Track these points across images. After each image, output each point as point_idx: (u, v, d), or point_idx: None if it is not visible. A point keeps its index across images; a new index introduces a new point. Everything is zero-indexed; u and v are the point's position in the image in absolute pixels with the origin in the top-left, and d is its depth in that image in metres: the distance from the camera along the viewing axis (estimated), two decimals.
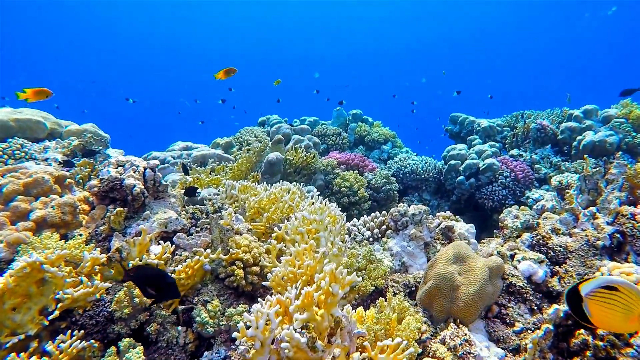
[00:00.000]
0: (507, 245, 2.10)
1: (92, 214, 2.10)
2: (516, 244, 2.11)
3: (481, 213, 4.93)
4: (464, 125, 5.95)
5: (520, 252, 2.02)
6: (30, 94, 3.03)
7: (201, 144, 5.15)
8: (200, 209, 2.54)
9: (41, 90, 3.09)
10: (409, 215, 2.56)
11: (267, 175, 3.74)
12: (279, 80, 6.14)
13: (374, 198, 4.30)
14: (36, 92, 3.08)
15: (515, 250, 2.04)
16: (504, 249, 2.07)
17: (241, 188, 2.86)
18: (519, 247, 2.06)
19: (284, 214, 2.62)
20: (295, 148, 4.12)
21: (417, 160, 5.29)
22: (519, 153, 5.04)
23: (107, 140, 3.90)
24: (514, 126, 5.62)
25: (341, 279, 1.31)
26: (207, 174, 3.86)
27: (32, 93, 3.05)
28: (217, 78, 3.87)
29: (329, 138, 5.90)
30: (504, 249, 2.06)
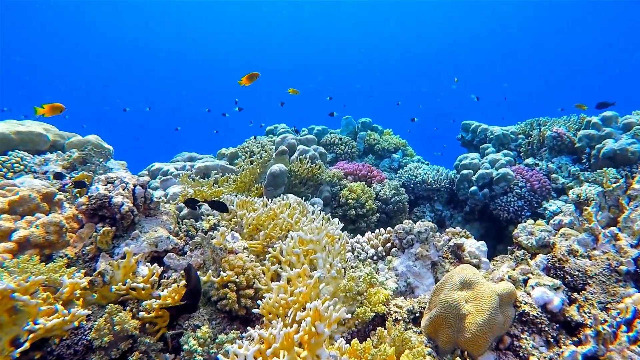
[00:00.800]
0: (520, 269, 1.93)
1: (80, 232, 2.02)
2: (529, 268, 1.95)
3: (496, 224, 4.73)
4: (476, 133, 5.76)
5: (534, 276, 1.85)
6: (47, 109, 3.23)
7: (208, 154, 5.09)
8: (195, 225, 2.44)
9: (56, 105, 3.29)
10: (415, 232, 2.41)
11: (270, 188, 3.63)
12: (296, 91, 6.04)
13: (383, 210, 4.15)
14: (52, 107, 3.28)
15: (528, 274, 1.88)
16: (515, 273, 1.90)
17: (240, 203, 2.76)
18: (532, 271, 1.90)
19: (283, 231, 2.51)
20: (300, 159, 4.00)
21: (428, 170, 5.13)
22: (534, 162, 4.84)
23: (109, 152, 3.85)
24: (528, 134, 5.42)
25: (327, 316, 1.18)
26: (210, 186, 3.77)
27: (49, 108, 3.25)
28: (241, 84, 3.90)
29: (338, 147, 5.78)
30: (516, 273, 1.89)
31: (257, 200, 2.86)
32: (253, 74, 3.97)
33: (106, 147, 3.94)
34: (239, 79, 3.86)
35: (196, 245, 2.13)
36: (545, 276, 1.86)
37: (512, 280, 1.85)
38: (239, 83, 3.94)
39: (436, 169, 5.17)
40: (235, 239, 2.33)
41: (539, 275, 1.86)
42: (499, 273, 1.95)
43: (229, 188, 3.78)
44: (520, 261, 2.13)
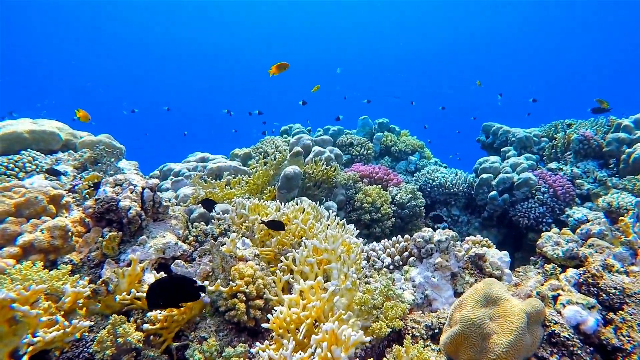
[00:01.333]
0: (549, 285, 1.80)
1: (86, 237, 1.96)
2: (560, 283, 1.81)
3: (515, 231, 4.56)
4: (497, 136, 5.58)
5: (565, 293, 1.71)
6: (82, 115, 3.79)
7: (222, 154, 5.03)
8: (204, 231, 2.36)
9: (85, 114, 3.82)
10: (434, 242, 2.29)
11: (283, 191, 3.54)
12: (317, 86, 5.95)
13: (398, 215, 4.03)
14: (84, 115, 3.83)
15: (558, 290, 1.74)
16: (544, 289, 1.77)
17: (251, 207, 2.67)
18: (563, 287, 1.76)
19: (296, 237, 2.41)
20: (315, 161, 3.91)
21: (446, 173, 4.98)
22: (558, 166, 4.64)
23: (121, 152, 3.81)
24: (552, 137, 5.21)
25: (345, 340, 1.08)
26: (222, 188, 3.70)
27: (83, 115, 3.82)
28: (270, 74, 3.97)
29: (354, 148, 5.66)
30: (545, 289, 1.76)
31: (269, 204, 2.77)
32: (282, 64, 4.00)
33: (118, 147, 3.90)
34: (266, 70, 3.98)
35: (205, 252, 2.05)
36: (577, 293, 1.72)
37: (540, 297, 1.72)
38: (269, 72, 3.98)
39: (454, 173, 5.02)
40: (246, 245, 2.24)
41: (570, 291, 1.72)
42: (526, 288, 1.82)
43: (242, 190, 3.70)
44: (550, 276, 1.99)
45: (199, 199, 3.47)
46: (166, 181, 3.96)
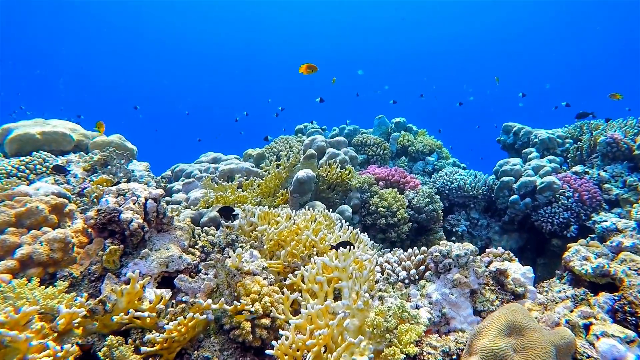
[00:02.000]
0: (580, 312, 1.65)
1: (88, 249, 1.89)
2: (592, 310, 1.66)
3: (537, 236, 4.37)
4: (518, 136, 5.36)
5: (598, 322, 1.57)
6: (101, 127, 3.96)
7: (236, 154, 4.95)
8: (211, 241, 2.27)
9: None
10: (453, 256, 2.15)
11: (296, 195, 3.44)
12: (334, 79, 5.83)
13: (415, 219, 3.88)
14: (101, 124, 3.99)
15: (590, 319, 1.59)
16: (575, 316, 1.62)
17: (261, 215, 2.57)
18: (595, 315, 1.61)
19: (307, 249, 2.31)
20: (329, 164, 3.79)
21: (464, 175, 4.80)
22: (583, 170, 4.42)
23: (132, 153, 3.77)
24: (578, 138, 4.97)
25: None
26: (234, 191, 3.62)
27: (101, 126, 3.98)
28: (299, 71, 4.21)
29: (369, 148, 5.52)
30: (575, 317, 1.61)
31: (280, 211, 2.67)
32: (311, 66, 4.19)
33: (129, 148, 3.86)
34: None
35: (210, 266, 1.96)
36: (612, 322, 1.57)
37: (570, 326, 1.57)
38: (299, 70, 4.19)
39: (474, 175, 4.84)
40: (254, 257, 2.14)
41: (604, 320, 1.57)
42: (554, 315, 1.67)
43: (253, 193, 3.62)
44: (580, 301, 1.83)
45: (210, 202, 3.40)
46: (178, 182, 3.90)
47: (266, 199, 3.68)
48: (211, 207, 3.32)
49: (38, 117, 3.71)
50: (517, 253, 4.55)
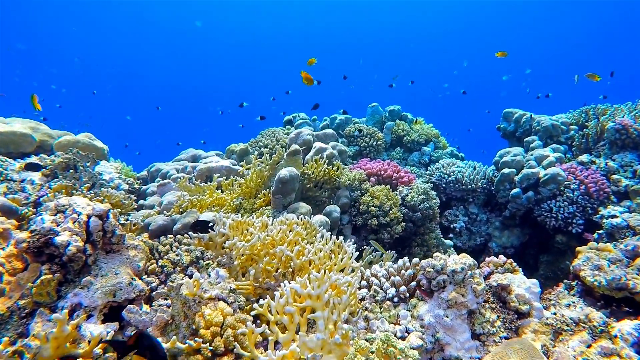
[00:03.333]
0: (600, 348, 1.38)
1: (19, 277, 1.61)
2: (614, 346, 1.39)
3: (541, 232, 4.10)
4: (520, 124, 5.05)
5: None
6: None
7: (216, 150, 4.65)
8: (173, 260, 2.00)
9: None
10: (448, 272, 1.88)
11: (278, 196, 3.16)
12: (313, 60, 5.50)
13: (410, 218, 3.61)
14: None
15: (614, 357, 1.33)
16: (594, 352, 1.35)
17: (234, 225, 2.29)
18: (619, 352, 1.34)
19: (282, 266, 2.03)
20: (315, 160, 3.50)
21: (462, 167, 4.51)
22: (590, 159, 4.13)
23: (103, 153, 3.47)
24: (583, 125, 4.67)
25: None
26: (212, 192, 3.34)
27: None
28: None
29: (362, 139, 5.22)
30: (594, 354, 1.35)
31: (255, 220, 2.39)
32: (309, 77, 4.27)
33: (99, 147, 3.56)
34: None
35: (163, 296, 1.69)
36: None
37: None
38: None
39: (472, 166, 4.54)
40: (220, 277, 1.87)
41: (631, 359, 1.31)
42: (569, 352, 1.41)
43: (233, 195, 3.33)
44: (599, 333, 1.56)
45: (184, 206, 3.12)
46: (153, 184, 3.62)
47: (247, 201, 3.40)
48: (185, 212, 3.05)
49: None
50: (519, 249, 4.30)
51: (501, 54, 5.67)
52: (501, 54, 5.67)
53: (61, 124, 4.77)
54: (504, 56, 5.65)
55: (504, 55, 5.64)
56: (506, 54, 5.63)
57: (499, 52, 5.66)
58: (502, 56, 5.66)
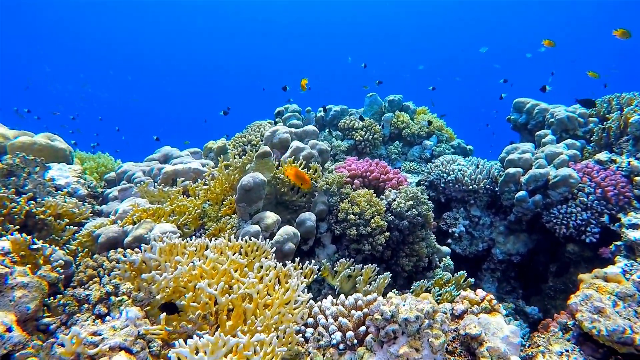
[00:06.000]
0: None
1: None
2: None
3: (551, 238, 3.63)
4: (532, 115, 4.51)
5: None
6: None
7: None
8: (77, 296, 1.70)
9: None
10: (400, 320, 1.51)
11: (242, 204, 2.83)
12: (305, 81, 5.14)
13: (396, 226, 3.21)
14: None
15: None
16: None
17: (165, 249, 1.98)
18: None
19: (201, 307, 1.70)
20: (289, 162, 3.14)
21: (464, 165, 4.05)
22: (609, 158, 3.61)
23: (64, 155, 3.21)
24: (604, 117, 4.11)
25: None
26: (174, 199, 3.04)
27: None
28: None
29: (357, 132, 4.81)
30: None
31: (194, 242, 2.07)
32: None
33: (60, 148, 3.30)
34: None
35: (28, 357, 1.39)
36: None
37: None
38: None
39: (475, 164, 4.08)
40: (129, 320, 1.56)
41: None
42: None
43: (195, 202, 3.02)
44: None
45: (137, 218, 2.82)
46: (117, 187, 3.34)
47: (212, 208, 3.09)
48: (139, 222, 2.76)
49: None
50: (526, 257, 3.86)
51: (548, 42, 5.06)
52: (548, 43, 5.06)
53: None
54: (551, 45, 5.05)
55: (552, 45, 5.05)
56: (554, 44, 5.04)
57: (546, 40, 5.05)
58: (550, 45, 5.06)
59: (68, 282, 2.44)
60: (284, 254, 2.72)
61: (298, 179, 2.85)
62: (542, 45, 4.97)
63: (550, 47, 5.05)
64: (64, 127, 11.64)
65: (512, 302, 3.70)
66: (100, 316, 1.66)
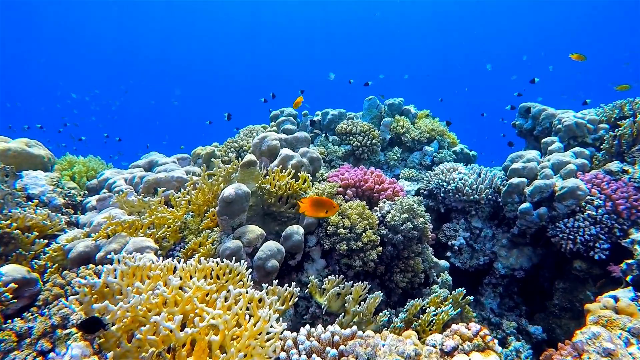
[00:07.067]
0: None
1: None
2: None
3: (558, 253, 3.40)
4: (538, 120, 4.28)
5: None
6: None
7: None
8: (18, 331, 1.53)
9: None
10: None
11: (224, 217, 2.64)
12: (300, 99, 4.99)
13: (390, 240, 3.02)
14: None
15: None
16: None
17: (128, 272, 1.80)
18: None
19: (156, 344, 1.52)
20: (276, 171, 2.95)
21: (465, 174, 3.84)
22: (621, 168, 3.37)
23: (40, 161, 3.05)
24: (615, 123, 3.87)
25: None
26: (153, 211, 2.86)
27: None
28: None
29: (354, 137, 4.61)
30: None
31: (160, 264, 1.89)
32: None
33: (36, 155, 3.14)
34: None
35: None
36: None
37: None
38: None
39: (477, 173, 3.86)
40: (74, 358, 1.39)
41: None
42: None
43: (176, 214, 2.85)
44: None
45: (111, 231, 2.65)
46: (95, 196, 3.18)
47: (194, 220, 2.91)
48: (113, 236, 2.59)
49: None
50: (530, 272, 3.63)
51: (577, 56, 4.83)
52: (577, 57, 4.83)
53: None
54: (581, 59, 4.83)
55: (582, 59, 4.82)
56: (584, 58, 4.82)
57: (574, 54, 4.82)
58: (580, 59, 4.83)
59: (32, 302, 2.27)
60: (266, 272, 2.54)
61: (317, 208, 2.43)
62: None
63: (580, 60, 4.83)
64: (60, 132, 11.54)
65: (514, 321, 3.48)
66: (43, 353, 1.49)
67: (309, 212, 2.45)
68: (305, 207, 2.44)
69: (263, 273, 2.54)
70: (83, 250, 2.50)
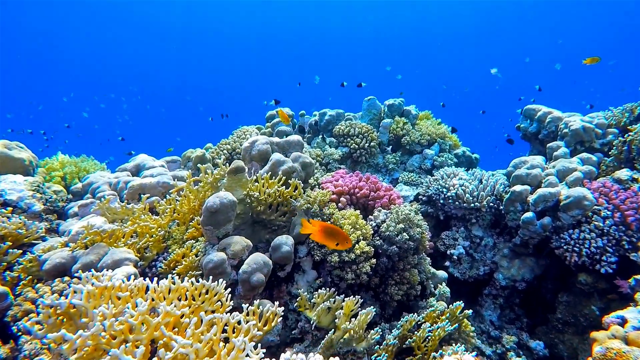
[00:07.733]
0: None
1: None
2: None
3: (561, 264, 3.24)
4: (543, 124, 4.11)
5: None
6: None
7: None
8: None
9: None
10: None
11: (209, 227, 2.50)
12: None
13: (385, 252, 2.87)
14: None
15: None
16: None
17: (95, 292, 1.66)
18: None
19: None
20: (265, 178, 2.80)
21: (466, 180, 3.67)
22: (631, 176, 3.20)
23: (21, 165, 2.92)
24: (625, 128, 3.69)
25: None
26: (136, 218, 2.73)
27: None
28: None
29: (352, 140, 4.46)
30: None
31: (130, 283, 1.75)
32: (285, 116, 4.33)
33: (17, 158, 3.01)
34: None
35: None
36: None
37: None
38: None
39: (478, 179, 3.70)
40: None
41: None
42: None
43: (160, 222, 2.71)
44: None
45: (89, 241, 2.51)
46: (78, 202, 3.05)
47: (178, 228, 2.77)
48: (91, 246, 2.46)
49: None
50: (533, 283, 3.48)
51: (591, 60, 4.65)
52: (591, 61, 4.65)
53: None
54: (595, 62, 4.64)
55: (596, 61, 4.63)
56: (598, 59, 4.63)
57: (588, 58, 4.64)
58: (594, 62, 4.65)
59: (2, 317, 2.16)
60: (251, 286, 2.39)
61: (328, 237, 2.21)
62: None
63: (595, 63, 4.65)
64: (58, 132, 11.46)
65: (515, 334, 3.32)
66: None
67: (317, 238, 2.28)
68: (313, 231, 2.26)
69: (248, 287, 2.40)
70: (59, 262, 2.37)
